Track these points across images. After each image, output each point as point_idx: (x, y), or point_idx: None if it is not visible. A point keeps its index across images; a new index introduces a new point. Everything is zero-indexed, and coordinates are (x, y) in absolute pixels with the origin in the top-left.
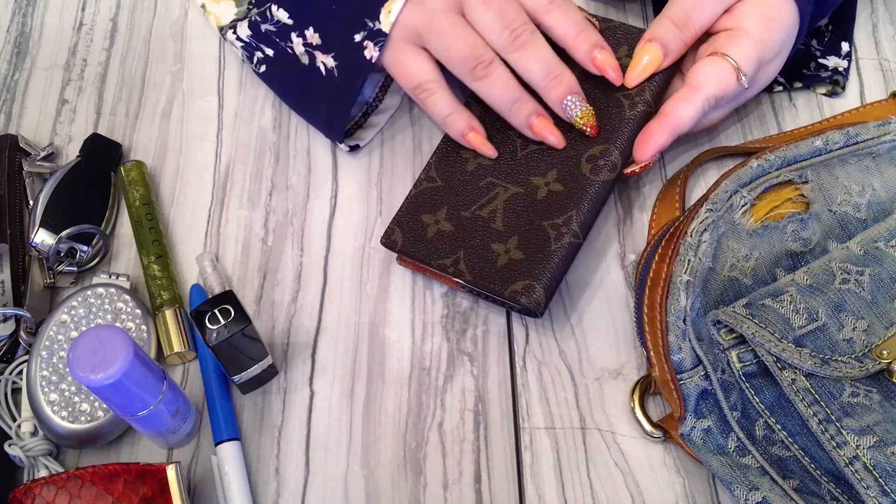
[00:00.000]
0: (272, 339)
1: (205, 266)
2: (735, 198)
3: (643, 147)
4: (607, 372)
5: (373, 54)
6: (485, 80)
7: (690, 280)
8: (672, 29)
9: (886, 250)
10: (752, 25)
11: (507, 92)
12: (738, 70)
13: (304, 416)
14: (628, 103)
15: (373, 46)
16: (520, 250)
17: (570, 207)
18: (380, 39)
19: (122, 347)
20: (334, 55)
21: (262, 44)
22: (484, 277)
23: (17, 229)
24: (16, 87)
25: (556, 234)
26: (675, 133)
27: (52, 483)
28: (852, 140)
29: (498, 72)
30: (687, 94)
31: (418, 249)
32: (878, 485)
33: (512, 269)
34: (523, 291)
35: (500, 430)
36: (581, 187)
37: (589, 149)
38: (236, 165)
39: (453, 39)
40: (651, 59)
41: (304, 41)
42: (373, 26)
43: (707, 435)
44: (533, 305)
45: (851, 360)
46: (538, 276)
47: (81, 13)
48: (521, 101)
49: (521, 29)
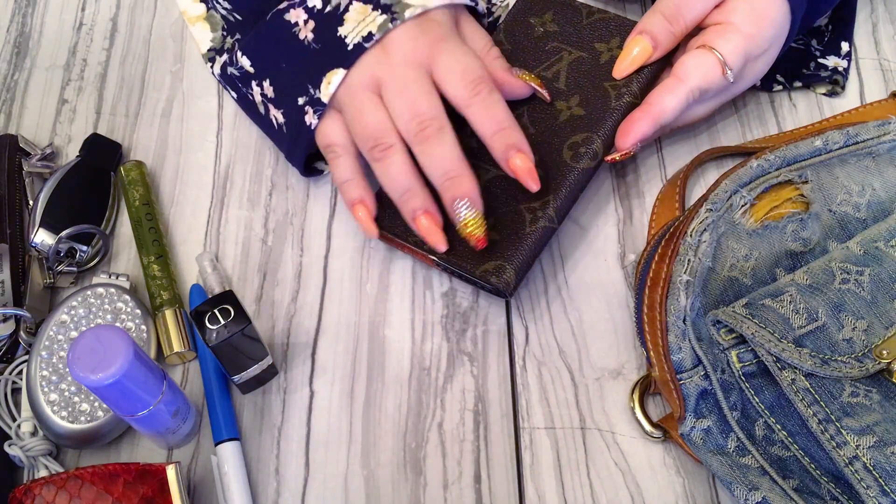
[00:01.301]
0: (272, 339)
1: (205, 266)
2: (735, 198)
3: (625, 135)
4: (607, 372)
5: (312, 121)
6: (381, 162)
7: (690, 280)
8: (662, 22)
9: (886, 250)
10: (741, 20)
11: (399, 179)
12: (724, 64)
13: (304, 416)
14: (614, 93)
15: (312, 113)
16: (495, 231)
17: (548, 192)
18: (318, 108)
19: (122, 347)
20: (283, 112)
21: (228, 85)
22: (457, 255)
23: (17, 229)
24: (16, 87)
25: (531, 217)
26: (657, 123)
27: (52, 483)
28: (852, 140)
29: (394, 157)
30: (671, 85)
31: (396, 225)
32: (878, 485)
33: (486, 250)
34: (494, 272)
35: (500, 430)
36: (560, 173)
37: (571, 136)
38: (236, 165)
39: (361, 116)
40: (640, 51)
41: (261, 91)
42: (313, 94)
43: (707, 435)
44: (503, 286)
45: (851, 360)
46: (510, 258)
47: (81, 13)
48: (411, 192)
49: (429, 123)
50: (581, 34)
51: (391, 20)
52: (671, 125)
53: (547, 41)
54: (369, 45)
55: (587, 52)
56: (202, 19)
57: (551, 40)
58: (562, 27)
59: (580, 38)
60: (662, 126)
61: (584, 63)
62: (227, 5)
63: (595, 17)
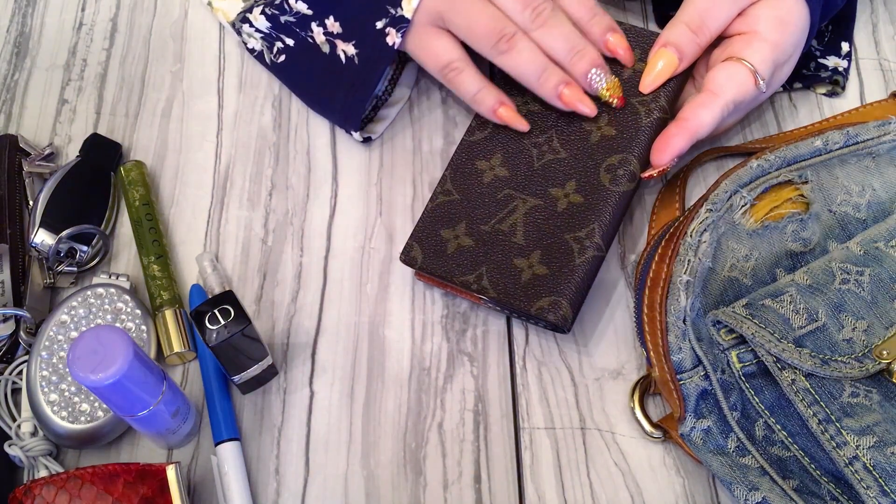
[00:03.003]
0: (272, 339)
1: (205, 266)
2: (735, 198)
3: (661, 152)
4: (607, 372)
5: (395, 40)
6: (509, 53)
7: (690, 280)
8: (687, 33)
9: (886, 250)
10: (767, 28)
11: (533, 63)
12: (756, 74)
13: (304, 416)
14: (644, 110)
15: (395, 32)
16: (543, 265)
17: (592, 220)
18: (402, 25)
19: (122, 347)
20: (355, 42)
21: (283, 34)
22: (508, 294)
23: (17, 229)
24: (16, 87)
25: (579, 247)
26: (693, 138)
27: (52, 483)
28: (852, 140)
29: (522, 44)
30: (706, 100)
31: (439, 266)
32: (878, 485)
33: (536, 285)
34: (550, 308)
35: (500, 430)
36: (602, 198)
37: (607, 158)
38: (236, 165)
39: (476, 16)
40: (666, 64)
41: (324, 30)
42: (395, 13)
43: (707, 435)
44: (560, 322)
45: (851, 361)
46: (563, 292)
47: (81, 13)
48: (549, 71)
49: (542, 7)
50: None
51: None
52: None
53: None
54: None
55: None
56: None
57: None
58: None
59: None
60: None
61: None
62: None
63: None
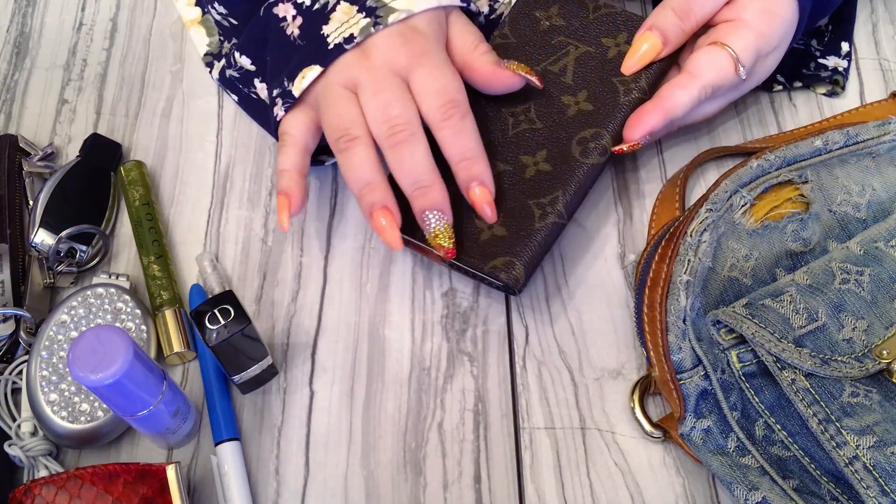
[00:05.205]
0: (272, 339)
1: (204, 266)
2: (735, 198)
3: (634, 127)
4: (607, 372)
5: (279, 113)
6: (345, 153)
7: (690, 280)
8: (673, 18)
9: (886, 250)
10: (753, 18)
11: (361, 170)
12: (737, 61)
13: (304, 416)
14: (623, 89)
15: (280, 104)
16: (503, 227)
17: (557, 188)
18: (287, 101)
19: (122, 347)
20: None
21: (229, 90)
22: (464, 251)
23: (17, 229)
24: (16, 87)
25: (540, 213)
26: (667, 117)
27: (52, 483)
28: (852, 140)
29: (358, 149)
30: (684, 81)
31: (403, 222)
32: (878, 485)
33: (494, 245)
34: (503, 268)
35: (500, 430)
36: (569, 168)
37: (580, 131)
38: (236, 165)
39: (336, 109)
40: (650, 47)
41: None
42: (286, 86)
43: (707, 435)
44: (512, 282)
45: (851, 360)
46: (519, 254)
47: (81, 13)
48: (372, 186)
49: (402, 128)
50: (588, 29)
51: (374, 24)
52: (679, 122)
53: (553, 35)
54: (349, 46)
55: (594, 47)
56: (197, 23)
57: (557, 34)
58: (568, 21)
59: (587, 33)
60: (672, 121)
61: (591, 58)
62: (221, 10)
63: (601, 11)
